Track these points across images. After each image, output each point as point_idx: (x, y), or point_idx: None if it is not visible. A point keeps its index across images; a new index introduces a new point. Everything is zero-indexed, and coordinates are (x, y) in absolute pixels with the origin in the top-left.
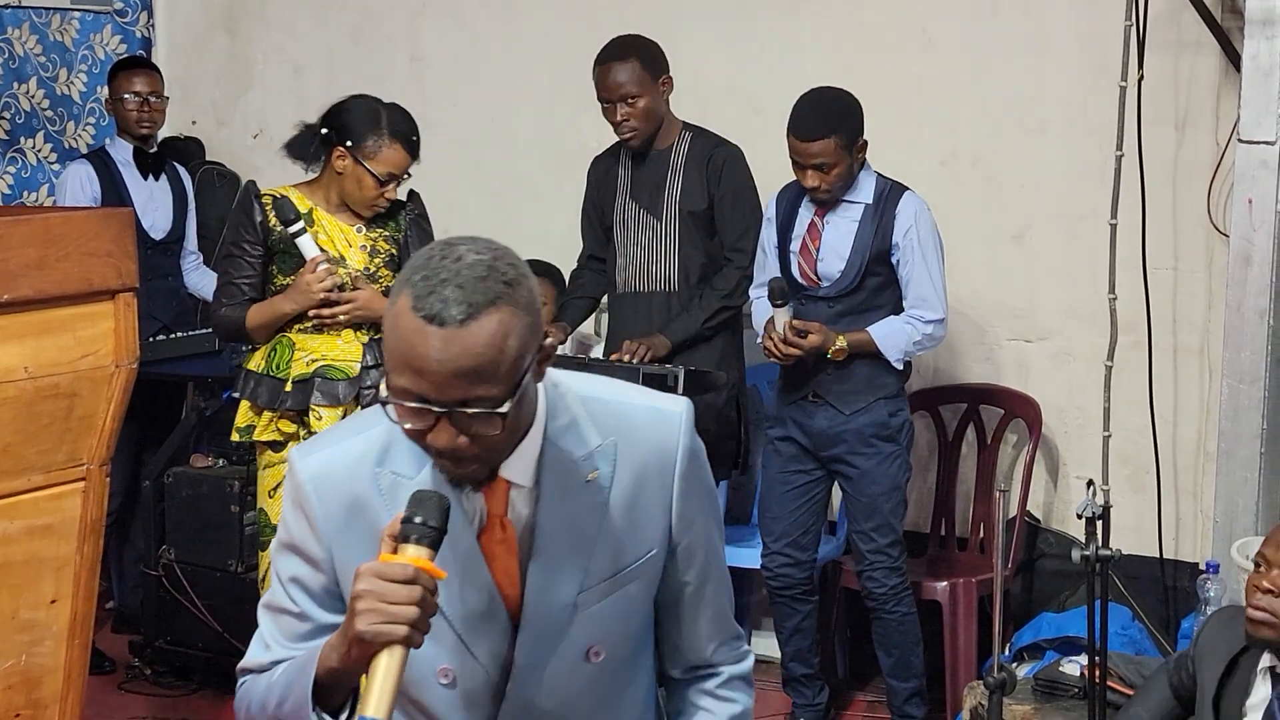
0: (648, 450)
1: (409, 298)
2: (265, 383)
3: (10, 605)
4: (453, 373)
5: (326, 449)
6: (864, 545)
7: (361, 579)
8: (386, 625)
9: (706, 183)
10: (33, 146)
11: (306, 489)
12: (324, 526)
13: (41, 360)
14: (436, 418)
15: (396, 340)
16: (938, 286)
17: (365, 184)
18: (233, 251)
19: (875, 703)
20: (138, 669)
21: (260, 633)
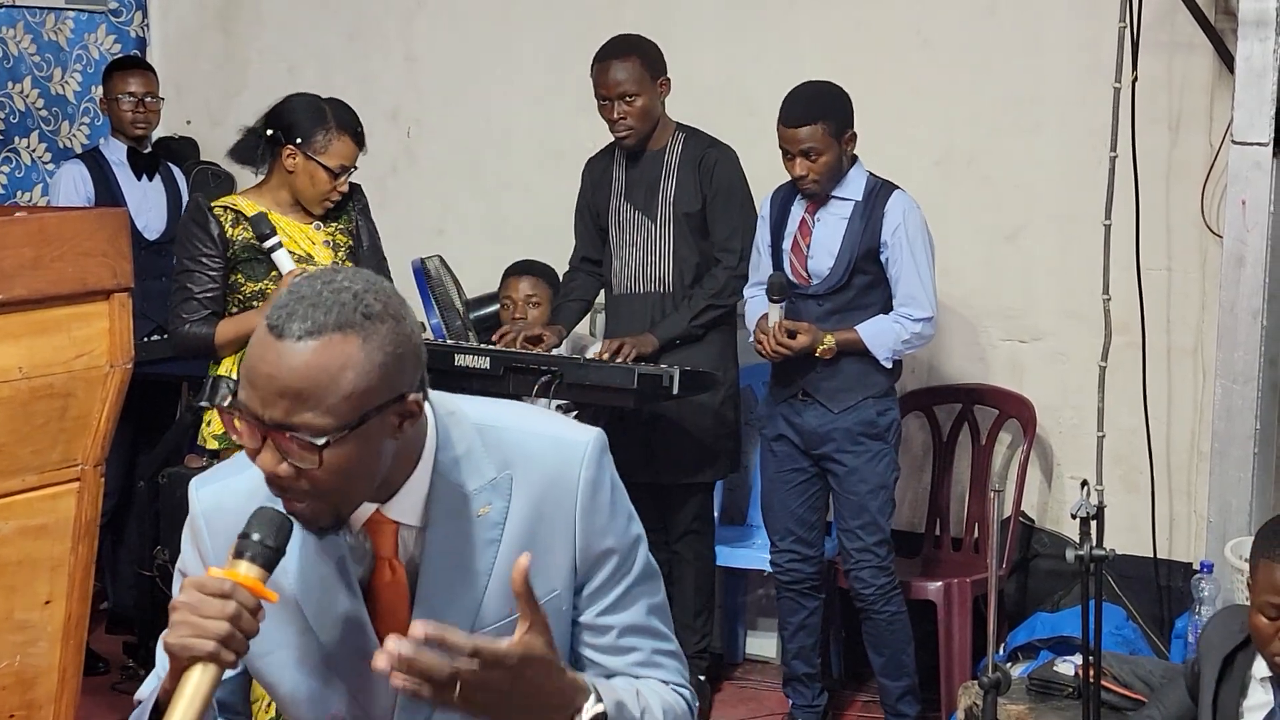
0: (545, 483)
1: (270, 309)
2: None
3: (4, 606)
4: (278, 390)
5: (222, 480)
6: (851, 544)
7: (183, 590)
8: (194, 639)
9: (700, 183)
10: (27, 146)
11: (199, 522)
12: (214, 560)
13: (36, 360)
14: (263, 438)
15: (252, 344)
16: (926, 285)
17: (319, 179)
18: (190, 266)
19: (870, 702)
20: (132, 670)
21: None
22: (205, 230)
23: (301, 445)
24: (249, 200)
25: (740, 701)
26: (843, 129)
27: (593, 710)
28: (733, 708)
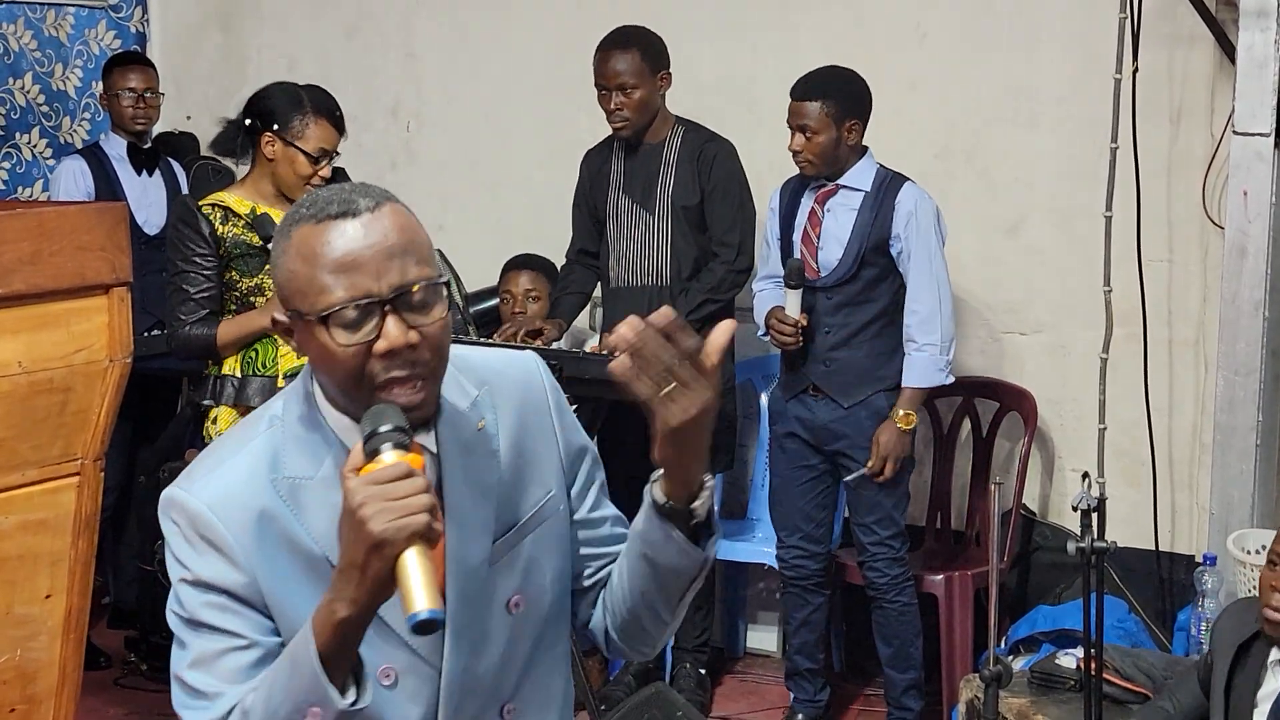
0: (518, 393)
1: (307, 222)
2: (252, 382)
3: (5, 600)
4: (386, 253)
5: (211, 474)
6: (865, 538)
7: (354, 491)
8: (405, 519)
9: (698, 177)
10: (28, 142)
11: (208, 517)
12: (239, 549)
13: (35, 355)
14: (383, 314)
15: (311, 254)
16: (934, 276)
17: (298, 164)
18: (184, 267)
19: (872, 696)
20: (133, 665)
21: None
22: (196, 230)
23: (423, 300)
24: (236, 196)
25: (741, 695)
26: (845, 115)
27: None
28: (734, 701)
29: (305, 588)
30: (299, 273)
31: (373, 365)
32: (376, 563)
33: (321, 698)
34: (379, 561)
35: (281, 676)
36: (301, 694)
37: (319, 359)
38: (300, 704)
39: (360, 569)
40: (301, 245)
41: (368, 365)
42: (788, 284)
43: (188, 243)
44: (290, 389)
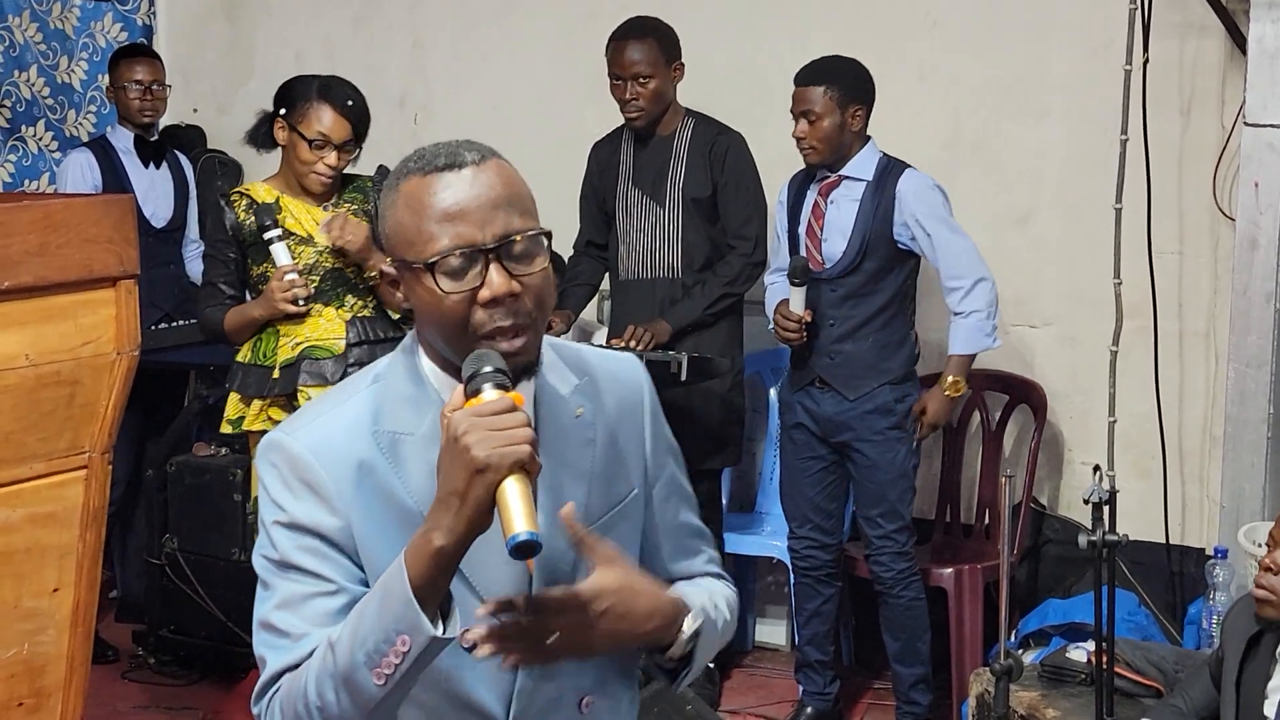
0: (617, 389)
1: (415, 175)
2: (253, 372)
3: (12, 594)
4: (491, 203)
5: (313, 422)
6: (871, 531)
7: (457, 421)
8: (509, 447)
9: (710, 169)
10: (34, 135)
11: (308, 460)
12: (336, 494)
13: (43, 347)
14: (486, 263)
15: (418, 206)
16: (967, 248)
17: (300, 151)
18: (210, 253)
19: (881, 690)
20: (141, 658)
21: (276, 637)
22: (220, 219)
23: (525, 250)
24: (266, 185)
25: (749, 689)
26: (848, 100)
27: (693, 625)
28: (742, 695)
29: (397, 540)
30: (406, 223)
31: (476, 314)
32: (479, 489)
33: (412, 625)
34: (480, 488)
35: (372, 606)
36: (391, 622)
37: (424, 308)
38: (389, 632)
39: (461, 496)
40: (409, 196)
41: (471, 313)
42: (792, 280)
43: (214, 230)
44: (395, 351)
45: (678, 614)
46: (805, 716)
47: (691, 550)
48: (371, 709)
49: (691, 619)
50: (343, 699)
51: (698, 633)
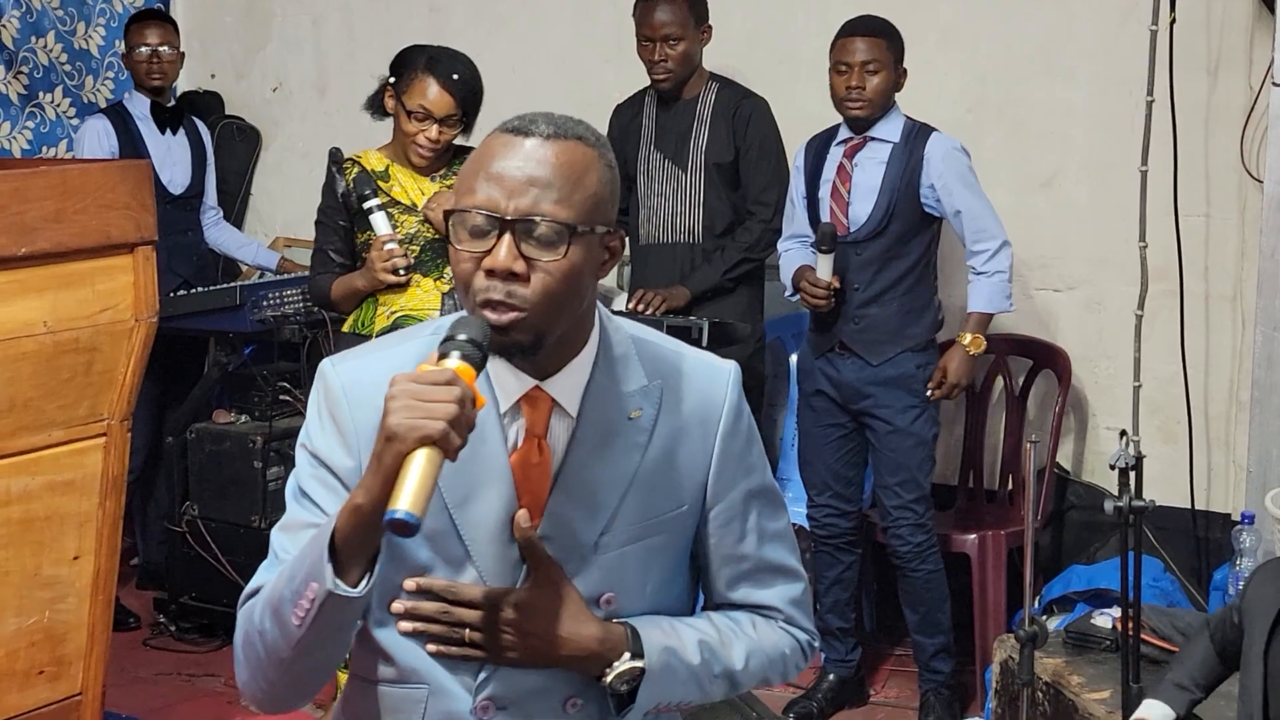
0: (693, 400)
1: (497, 131)
2: (353, 341)
3: (33, 562)
4: (527, 178)
5: (361, 358)
6: (889, 501)
7: (396, 384)
8: (423, 420)
9: (733, 134)
10: (51, 101)
11: (337, 393)
12: (354, 435)
13: (60, 314)
14: (500, 233)
15: (479, 157)
16: (989, 212)
17: (404, 122)
18: (321, 219)
19: (904, 656)
20: (162, 625)
21: (270, 557)
22: (331, 186)
23: (548, 238)
24: (378, 153)
25: None
26: (899, 58)
27: (623, 666)
28: None
29: None
30: (466, 170)
31: (479, 278)
32: (388, 456)
33: (319, 575)
34: (389, 455)
35: (306, 549)
36: (309, 567)
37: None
38: (306, 576)
39: (378, 458)
40: (482, 146)
41: (475, 276)
42: (819, 248)
43: (325, 197)
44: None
45: (604, 650)
46: (827, 684)
47: (761, 583)
48: (294, 646)
49: (624, 659)
50: (273, 629)
51: (638, 672)
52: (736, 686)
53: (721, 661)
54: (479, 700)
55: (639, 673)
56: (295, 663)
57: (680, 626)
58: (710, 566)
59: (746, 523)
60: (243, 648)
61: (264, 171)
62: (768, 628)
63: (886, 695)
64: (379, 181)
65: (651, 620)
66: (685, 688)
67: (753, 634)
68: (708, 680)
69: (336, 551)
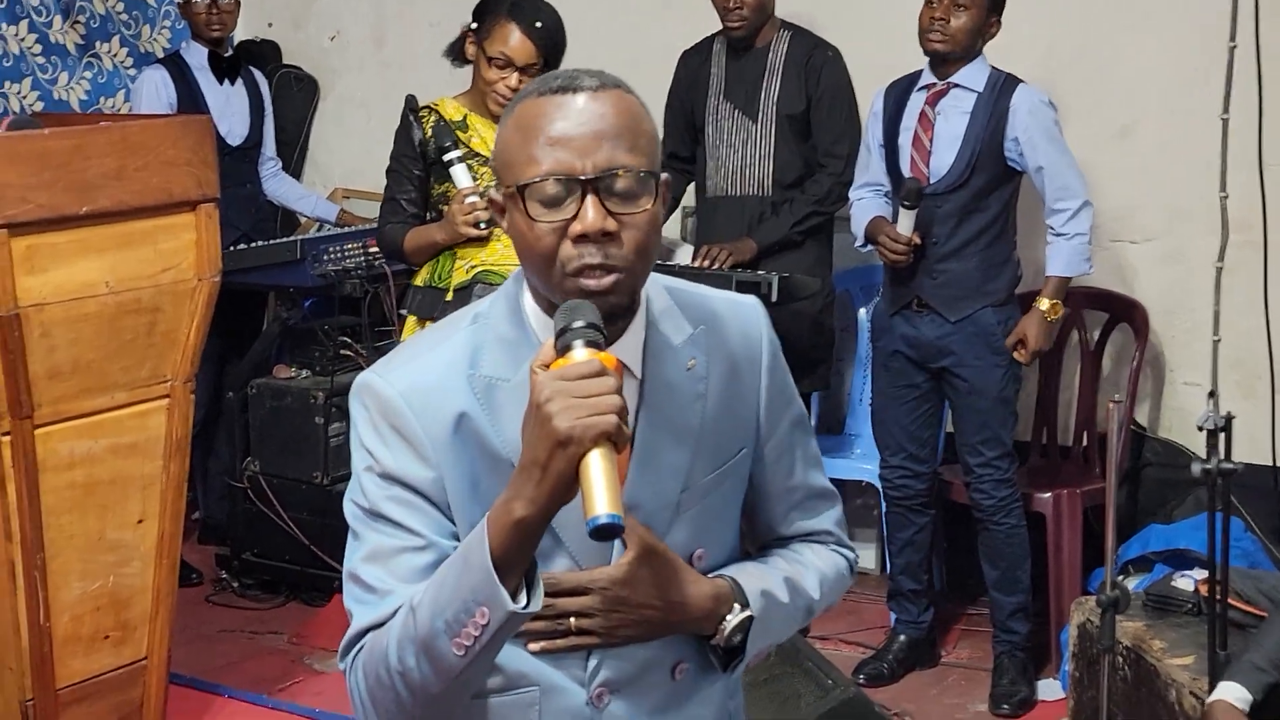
0: (734, 340)
1: (530, 96)
2: (428, 294)
3: (97, 525)
4: (595, 133)
5: (408, 363)
6: (972, 459)
7: (542, 385)
8: (593, 418)
9: (805, 84)
10: (109, 52)
11: (398, 405)
12: (428, 443)
13: (122, 274)
14: (583, 195)
15: (526, 127)
16: (1074, 170)
17: (484, 69)
18: (394, 168)
19: (975, 616)
20: (225, 581)
21: (364, 591)
22: (407, 135)
23: (629, 189)
24: (455, 102)
25: (840, 615)
26: (993, 7)
27: (738, 618)
28: (832, 621)
29: (489, 491)
30: (512, 144)
31: (565, 248)
32: (560, 462)
33: (491, 598)
34: (562, 461)
35: (452, 573)
36: (470, 592)
37: (518, 238)
38: (468, 603)
39: (542, 467)
40: (520, 117)
41: (560, 247)
42: (903, 203)
43: (399, 145)
44: (500, 289)
45: (717, 606)
46: (898, 645)
47: (810, 510)
48: (453, 678)
49: (735, 611)
50: (423, 666)
51: (750, 621)
52: (812, 616)
53: (803, 595)
54: (593, 690)
55: (749, 621)
56: (446, 695)
57: (764, 568)
58: (765, 502)
59: (794, 453)
60: (373, 694)
61: (322, 122)
62: (825, 552)
63: (958, 656)
64: (457, 132)
65: (740, 568)
66: (780, 628)
67: (817, 561)
68: (795, 616)
69: (499, 569)
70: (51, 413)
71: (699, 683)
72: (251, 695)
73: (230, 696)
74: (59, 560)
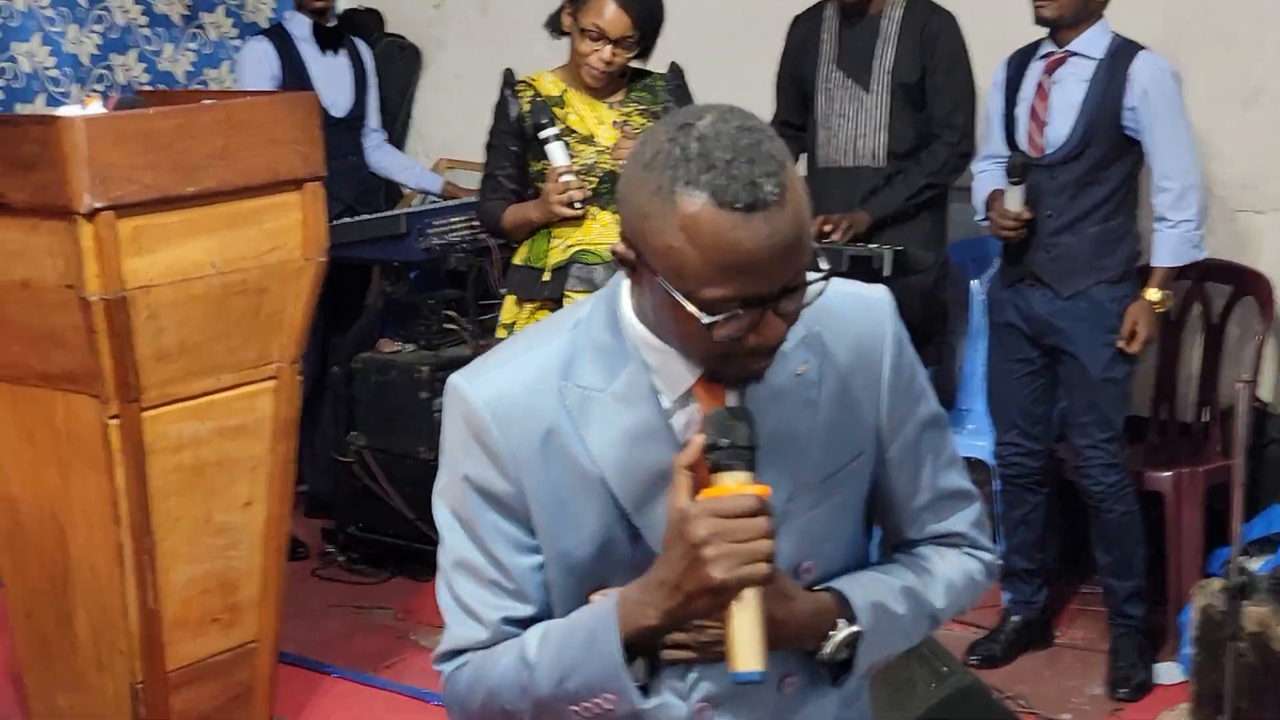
0: (853, 341)
1: (704, 197)
2: (525, 274)
3: (204, 508)
4: (781, 256)
5: (498, 369)
6: (1080, 440)
7: (698, 522)
8: (747, 568)
9: (920, 52)
10: (213, 22)
11: (482, 415)
12: (509, 457)
13: (228, 255)
14: (763, 310)
15: (704, 243)
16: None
17: (578, 41)
18: (491, 143)
19: (1089, 595)
20: (331, 555)
21: (457, 603)
22: (504, 111)
23: (799, 290)
24: (553, 76)
25: None
26: None
27: (843, 634)
28: None
29: (573, 505)
30: (681, 250)
31: (736, 351)
32: (705, 603)
33: (620, 689)
34: (709, 603)
35: (577, 647)
36: (598, 678)
37: (668, 323)
38: (595, 687)
39: (687, 596)
40: (692, 224)
41: (730, 351)
42: (1010, 178)
43: (496, 120)
44: (600, 293)
45: (820, 622)
46: (1011, 625)
47: (941, 512)
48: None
49: (841, 626)
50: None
51: (857, 636)
52: (937, 624)
53: (924, 605)
54: (694, 704)
55: (856, 636)
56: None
57: (880, 578)
58: (892, 507)
59: (922, 455)
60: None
61: (425, 91)
62: (955, 556)
63: (1072, 637)
64: (554, 108)
65: (852, 579)
66: (896, 640)
67: (944, 567)
68: (914, 627)
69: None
70: (159, 395)
71: (809, 695)
72: (359, 675)
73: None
74: (167, 544)
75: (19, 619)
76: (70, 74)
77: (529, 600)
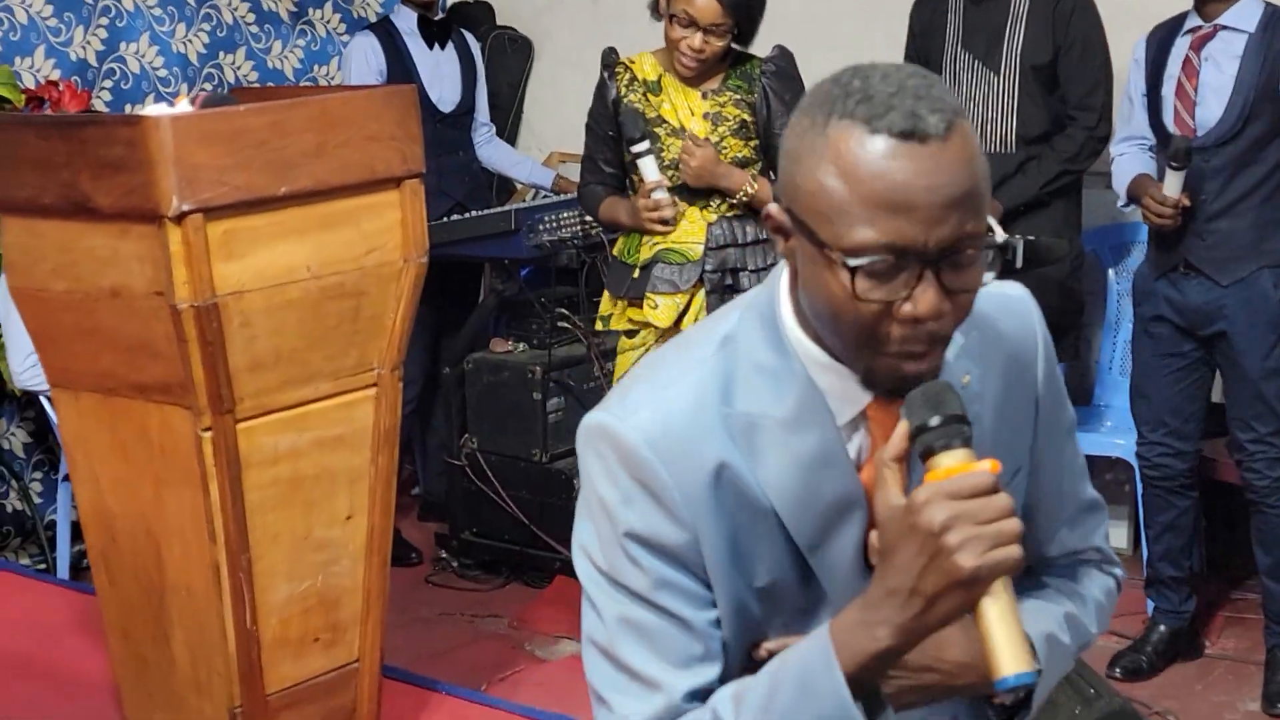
0: (1008, 344)
1: (858, 124)
2: (618, 270)
3: (303, 523)
4: (941, 202)
5: (650, 403)
6: (1243, 435)
7: (932, 507)
8: (999, 550)
9: (1052, 31)
10: (321, 18)
11: (644, 456)
12: (681, 500)
13: (324, 257)
14: (920, 273)
15: (854, 175)
16: None
17: (667, 27)
18: (591, 125)
19: (1240, 601)
20: (444, 561)
21: (623, 672)
22: (602, 93)
23: (968, 261)
24: (652, 59)
25: None
26: None
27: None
28: None
29: (743, 547)
30: (831, 189)
31: (888, 327)
32: (955, 600)
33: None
34: (959, 600)
35: (786, 700)
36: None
37: (819, 295)
38: None
39: (927, 599)
40: (844, 154)
41: (881, 324)
42: (1171, 163)
43: (595, 103)
44: (748, 304)
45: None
46: (1158, 636)
47: (1078, 526)
48: None
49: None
50: None
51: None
52: (1086, 648)
53: (1083, 632)
54: None
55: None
56: None
57: (1045, 607)
58: (1033, 520)
59: (1064, 466)
60: None
61: (536, 84)
62: (1097, 575)
63: (1223, 647)
64: (649, 95)
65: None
66: (1060, 672)
67: (1093, 590)
68: (1074, 655)
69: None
70: (253, 406)
71: None
72: (469, 692)
73: (447, 693)
74: (265, 561)
75: (116, 637)
76: (179, 74)
77: (715, 659)
